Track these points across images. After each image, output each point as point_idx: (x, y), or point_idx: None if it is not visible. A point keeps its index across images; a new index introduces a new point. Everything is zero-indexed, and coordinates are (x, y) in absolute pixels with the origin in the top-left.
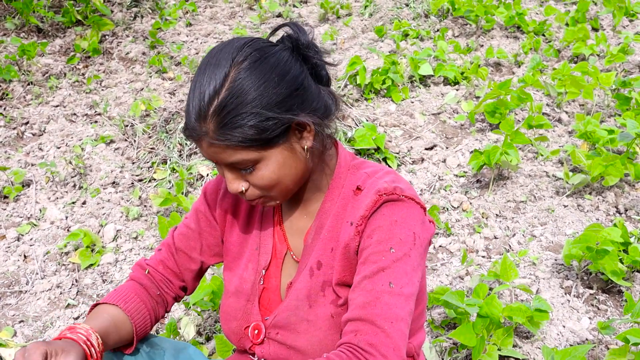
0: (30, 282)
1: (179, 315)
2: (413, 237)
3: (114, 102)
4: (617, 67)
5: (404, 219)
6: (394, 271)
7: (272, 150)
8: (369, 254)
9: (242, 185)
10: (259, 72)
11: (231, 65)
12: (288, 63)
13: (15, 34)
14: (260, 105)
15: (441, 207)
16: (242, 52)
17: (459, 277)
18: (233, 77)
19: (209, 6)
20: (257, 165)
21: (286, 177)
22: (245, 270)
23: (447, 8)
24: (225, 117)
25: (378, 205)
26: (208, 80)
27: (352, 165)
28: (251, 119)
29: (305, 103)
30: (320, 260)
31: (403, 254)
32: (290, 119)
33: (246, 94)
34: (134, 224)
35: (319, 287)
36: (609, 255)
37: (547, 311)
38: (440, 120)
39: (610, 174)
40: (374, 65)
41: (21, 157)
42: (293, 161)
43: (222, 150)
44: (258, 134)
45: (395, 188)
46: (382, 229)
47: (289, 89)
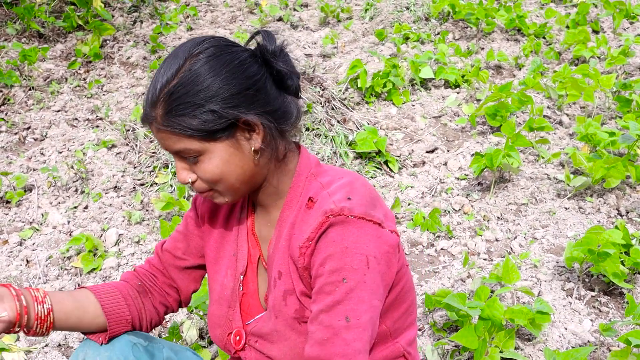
0: (33, 286)
1: (181, 319)
2: (366, 262)
3: (115, 107)
4: (618, 69)
5: (355, 243)
6: (349, 302)
7: (216, 145)
8: (323, 284)
9: (190, 177)
10: (211, 65)
11: (187, 57)
12: (244, 62)
13: (17, 39)
14: (205, 98)
15: (442, 210)
16: (200, 46)
17: (460, 279)
18: (186, 67)
19: (210, 10)
20: (200, 157)
21: (230, 174)
22: (225, 277)
23: (447, 11)
24: (171, 104)
25: (325, 227)
26: (165, 70)
27: (312, 173)
28: (195, 109)
29: (257, 104)
30: (280, 270)
31: (356, 282)
32: (235, 115)
33: (194, 84)
34: (136, 228)
35: (281, 297)
36: (611, 258)
37: (548, 313)
38: (441, 123)
39: (611, 176)
40: (375, 68)
41: (23, 162)
42: (239, 160)
43: (168, 137)
44: (200, 125)
45: (343, 208)
46: (333, 257)
47: (239, 86)
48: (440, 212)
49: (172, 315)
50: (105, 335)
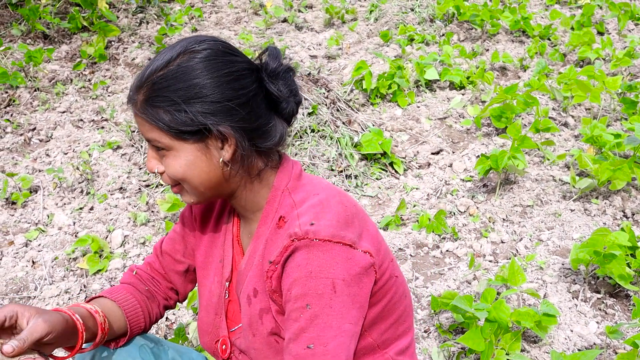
0: (38, 287)
1: (187, 321)
2: (332, 286)
3: (120, 108)
4: (623, 71)
5: (319, 268)
6: (314, 329)
7: (184, 145)
8: (290, 311)
9: (157, 167)
10: (201, 67)
11: (182, 52)
12: (237, 73)
13: (22, 41)
14: (183, 97)
15: (448, 211)
16: (200, 45)
17: (466, 281)
18: (177, 62)
19: (215, 12)
20: (168, 152)
21: (194, 177)
22: (212, 283)
23: (452, 12)
24: (152, 94)
25: (289, 251)
26: (158, 58)
27: (287, 187)
28: (170, 105)
29: (234, 117)
30: (255, 287)
31: (321, 308)
32: (204, 124)
33: (178, 81)
34: (141, 229)
35: (257, 316)
36: (617, 260)
37: (555, 316)
38: (446, 124)
39: (617, 178)
40: (380, 70)
41: (28, 163)
42: (205, 165)
43: (142, 123)
44: (171, 122)
45: (307, 232)
46: (298, 282)
47: (222, 95)
48: (446, 213)
49: (178, 317)
50: (117, 342)
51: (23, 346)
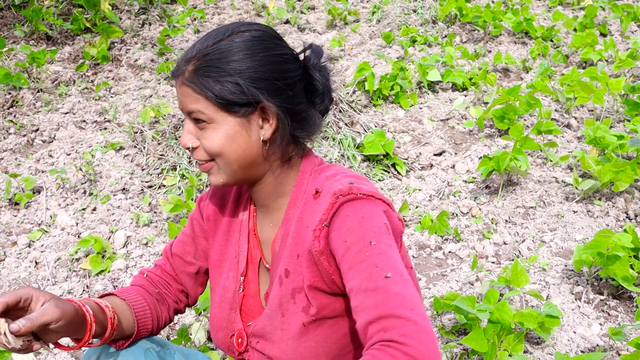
0: (41, 288)
1: (189, 321)
2: (386, 228)
3: (123, 109)
4: (626, 72)
5: (370, 214)
6: (385, 262)
7: (227, 118)
8: (352, 256)
9: (192, 142)
10: (251, 44)
11: (233, 31)
12: (284, 56)
13: (25, 42)
14: (235, 69)
15: (450, 213)
16: (250, 26)
17: (469, 282)
18: (229, 38)
19: (217, 13)
20: (209, 124)
21: (231, 152)
22: (227, 279)
23: (454, 14)
24: (202, 64)
25: (336, 207)
26: (208, 36)
27: (315, 170)
28: (222, 76)
29: (280, 96)
30: (287, 268)
31: (384, 244)
32: (256, 96)
33: (230, 54)
34: (144, 230)
35: (289, 295)
36: (620, 261)
37: (558, 317)
38: (448, 126)
39: (620, 179)
40: (382, 71)
41: (31, 164)
42: (243, 141)
43: (187, 94)
44: (221, 91)
45: (351, 187)
46: (353, 229)
47: (270, 73)
48: (448, 215)
49: (181, 317)
50: (123, 343)
51: (31, 326)
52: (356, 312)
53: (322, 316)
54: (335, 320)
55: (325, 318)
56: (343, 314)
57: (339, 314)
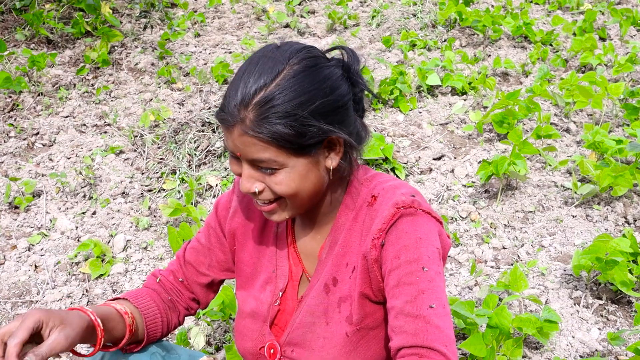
0: (41, 292)
1: (188, 325)
2: (439, 254)
3: (123, 113)
4: (625, 76)
5: (427, 235)
6: (432, 291)
7: (300, 159)
8: (402, 275)
9: (257, 187)
10: (311, 78)
11: (286, 64)
12: (339, 80)
13: (26, 45)
14: (306, 110)
15: (449, 217)
16: (299, 55)
17: (467, 287)
18: (285, 74)
19: (217, 17)
20: (280, 169)
21: (304, 190)
22: (262, 291)
23: (454, 18)
24: (268, 111)
25: (396, 218)
26: (259, 72)
27: (365, 178)
28: (293, 119)
29: (345, 123)
30: (335, 276)
31: (435, 272)
32: (331, 131)
33: (295, 94)
34: (143, 234)
35: (336, 304)
36: (619, 266)
37: (556, 322)
38: (448, 130)
39: (619, 184)
40: (382, 75)
41: (31, 168)
42: (314, 176)
43: (252, 144)
44: (295, 136)
45: (413, 201)
46: (409, 248)
47: (335, 103)
48: (447, 219)
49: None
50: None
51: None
52: (394, 332)
53: (364, 326)
54: (376, 332)
55: (368, 328)
56: (383, 325)
57: (379, 324)
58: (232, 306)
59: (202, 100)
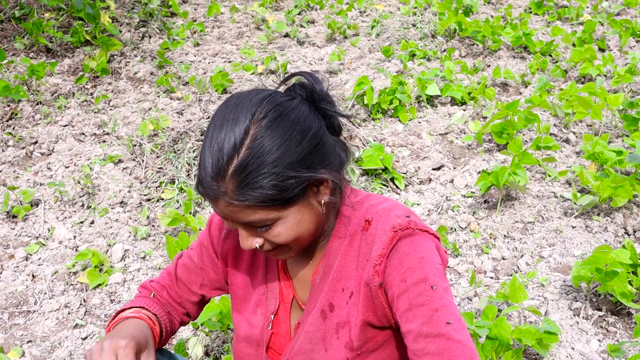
0: (38, 301)
1: (187, 336)
2: (442, 269)
3: (122, 122)
4: (625, 87)
5: (428, 253)
6: (446, 308)
7: (290, 209)
8: (412, 298)
9: (257, 242)
10: (280, 130)
11: (250, 121)
12: (308, 119)
13: (25, 54)
14: (282, 165)
15: (449, 227)
16: (262, 108)
17: (467, 298)
18: (253, 134)
19: (217, 26)
20: (274, 224)
21: (304, 233)
22: (253, 314)
23: (454, 28)
24: (247, 178)
25: (394, 242)
26: (226, 137)
27: (356, 202)
28: (272, 178)
29: (324, 158)
30: (332, 302)
31: (443, 289)
32: (311, 176)
33: (268, 153)
34: (142, 243)
35: (333, 330)
36: (618, 277)
37: (556, 333)
38: (447, 140)
39: (618, 195)
40: (381, 85)
41: (30, 177)
42: (310, 216)
43: (240, 210)
44: (279, 193)
45: (409, 222)
46: (413, 270)
47: (309, 146)
48: (447, 229)
49: (179, 332)
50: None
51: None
52: (417, 355)
53: (365, 350)
54: (377, 353)
55: (369, 352)
56: (385, 346)
57: (380, 346)
58: (229, 317)
59: (201, 109)
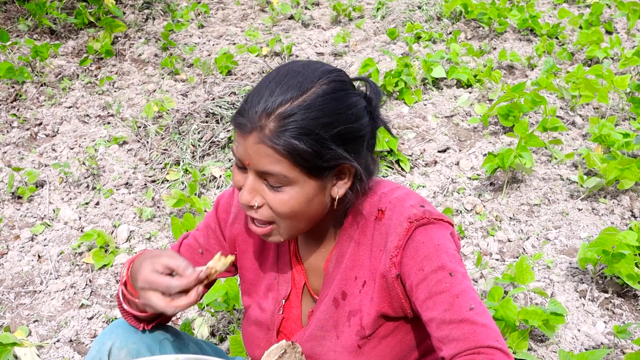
0: (44, 282)
1: (192, 316)
2: (458, 255)
3: (126, 104)
4: (632, 70)
5: (443, 240)
6: (466, 294)
7: (309, 181)
8: (431, 286)
9: (257, 200)
10: (339, 102)
11: (316, 82)
12: (363, 110)
13: (29, 36)
14: (328, 132)
15: (454, 210)
16: (329, 76)
17: (473, 279)
18: (313, 93)
19: (221, 8)
20: (287, 187)
21: (305, 214)
22: (264, 299)
23: (459, 11)
24: (290, 124)
25: (410, 232)
26: (287, 85)
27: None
28: (314, 138)
29: (359, 154)
30: (344, 290)
31: (462, 275)
32: (347, 159)
33: (320, 114)
34: (147, 224)
35: (346, 318)
36: (625, 259)
37: (562, 315)
38: (453, 122)
39: (625, 177)
40: (387, 67)
41: (35, 158)
42: (318, 202)
43: (266, 154)
44: (311, 155)
45: (425, 212)
46: (430, 258)
47: (357, 132)
48: (452, 212)
49: (184, 312)
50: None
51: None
52: (442, 342)
53: (376, 335)
54: (389, 339)
55: (380, 337)
56: (395, 332)
57: (392, 331)
58: (236, 298)
59: (205, 91)
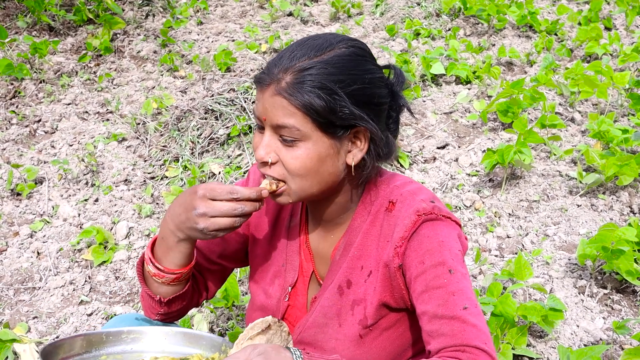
0: (43, 278)
1: (191, 312)
2: (461, 255)
3: (125, 100)
4: (631, 66)
5: (448, 238)
6: (462, 293)
7: (323, 138)
8: (429, 279)
9: (271, 157)
10: (355, 63)
11: (336, 44)
12: (380, 81)
13: (27, 32)
14: (343, 88)
15: (454, 206)
16: (350, 43)
17: (472, 276)
18: (333, 52)
19: (220, 5)
20: (300, 142)
21: (317, 174)
22: (271, 285)
23: (458, 7)
24: (306, 77)
25: (417, 225)
26: (308, 46)
27: (381, 181)
28: (328, 93)
29: (375, 121)
30: (350, 279)
31: (461, 274)
32: (362, 118)
33: (336, 70)
34: (146, 221)
35: (349, 306)
36: (624, 255)
37: (561, 310)
38: (452, 119)
39: (624, 173)
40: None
41: (34, 155)
42: (331, 164)
43: (281, 106)
44: (325, 110)
45: (434, 207)
46: (432, 252)
47: (372, 97)
48: (452, 208)
49: None
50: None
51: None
52: (431, 336)
53: (378, 326)
54: (390, 331)
55: (382, 329)
56: (397, 325)
57: (393, 324)
58: (235, 294)
59: (204, 87)
